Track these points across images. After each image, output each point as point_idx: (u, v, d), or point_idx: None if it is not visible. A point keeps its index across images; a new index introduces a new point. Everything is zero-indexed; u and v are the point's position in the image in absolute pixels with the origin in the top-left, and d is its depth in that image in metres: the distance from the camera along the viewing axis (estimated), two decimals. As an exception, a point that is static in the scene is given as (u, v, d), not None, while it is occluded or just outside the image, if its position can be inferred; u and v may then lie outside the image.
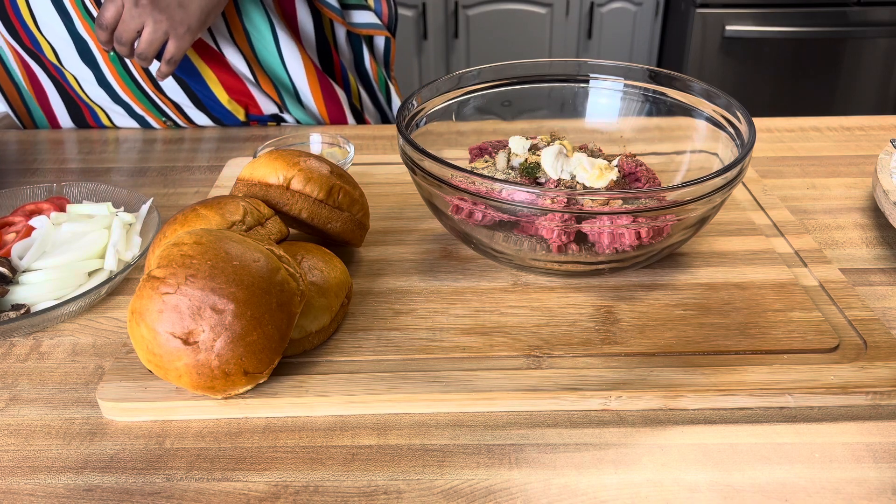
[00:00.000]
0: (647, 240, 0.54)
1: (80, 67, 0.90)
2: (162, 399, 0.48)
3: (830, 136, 0.88)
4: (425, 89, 0.65)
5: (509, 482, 0.43)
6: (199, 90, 0.94)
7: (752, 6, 2.25)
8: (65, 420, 0.49)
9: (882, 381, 0.48)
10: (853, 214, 0.71)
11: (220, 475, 0.44)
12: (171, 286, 0.45)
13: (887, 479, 0.43)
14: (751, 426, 0.47)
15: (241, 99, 0.96)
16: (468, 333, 0.54)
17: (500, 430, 0.47)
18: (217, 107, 0.95)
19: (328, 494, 0.43)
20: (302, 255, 0.54)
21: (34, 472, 0.45)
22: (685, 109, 0.66)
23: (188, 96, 0.94)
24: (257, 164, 0.59)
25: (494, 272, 0.61)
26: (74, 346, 0.55)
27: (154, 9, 0.77)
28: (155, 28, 0.78)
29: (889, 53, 2.31)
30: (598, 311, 0.56)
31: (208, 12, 0.81)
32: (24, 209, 0.68)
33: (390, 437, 0.47)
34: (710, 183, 0.51)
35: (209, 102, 0.95)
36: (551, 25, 2.48)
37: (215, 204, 0.54)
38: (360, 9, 0.98)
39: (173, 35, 0.79)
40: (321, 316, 0.51)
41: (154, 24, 0.78)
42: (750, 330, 0.53)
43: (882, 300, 0.59)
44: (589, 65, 0.70)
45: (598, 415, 0.48)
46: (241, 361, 0.45)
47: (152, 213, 0.66)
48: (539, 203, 0.51)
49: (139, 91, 0.93)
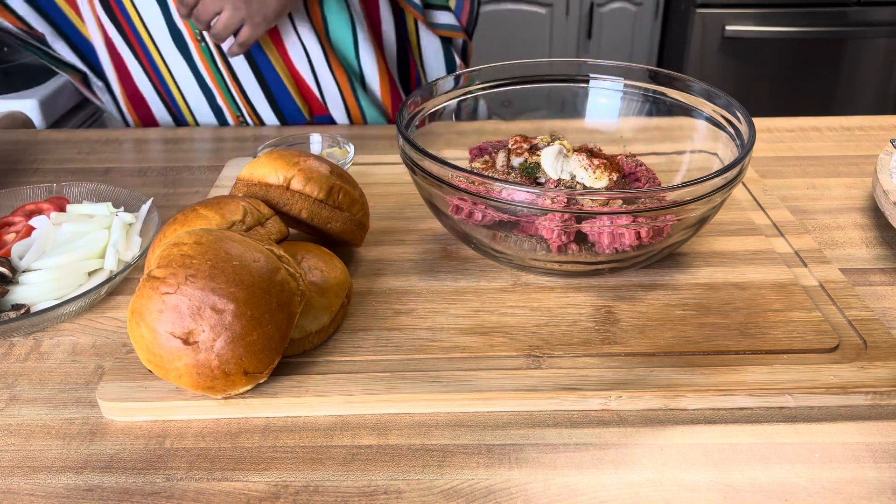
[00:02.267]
0: (647, 240, 0.54)
1: (173, 53, 0.92)
2: (162, 399, 0.48)
3: (830, 136, 0.88)
4: (425, 89, 0.65)
5: (509, 482, 0.43)
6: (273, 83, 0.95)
7: (752, 6, 2.25)
8: (65, 420, 0.49)
9: (882, 381, 0.48)
10: (853, 214, 0.71)
11: (220, 475, 0.44)
12: (171, 286, 0.45)
13: (887, 479, 0.43)
14: (751, 426, 0.47)
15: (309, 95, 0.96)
16: (468, 333, 0.54)
17: (500, 430, 0.47)
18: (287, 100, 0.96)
19: (328, 494, 0.43)
20: (302, 255, 0.54)
21: (34, 472, 0.45)
22: (685, 109, 0.66)
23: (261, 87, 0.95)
24: (257, 164, 0.59)
25: (494, 272, 0.61)
26: (74, 346, 0.55)
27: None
28: (233, 14, 0.81)
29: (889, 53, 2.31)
30: (598, 311, 0.56)
31: (286, 4, 0.84)
32: (24, 209, 0.68)
33: (390, 437, 0.47)
34: (710, 183, 0.51)
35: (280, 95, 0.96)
36: (551, 25, 2.48)
37: (215, 204, 0.54)
38: (440, 9, 0.99)
39: (249, 22, 0.83)
40: (321, 316, 0.51)
41: (233, 11, 0.81)
42: (750, 330, 0.53)
43: (882, 300, 0.59)
44: (589, 65, 0.70)
45: (598, 415, 0.48)
46: (241, 361, 0.45)
47: (152, 213, 0.66)
48: (539, 203, 0.51)
49: (222, 80, 0.95)
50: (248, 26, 0.83)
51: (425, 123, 0.66)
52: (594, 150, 0.65)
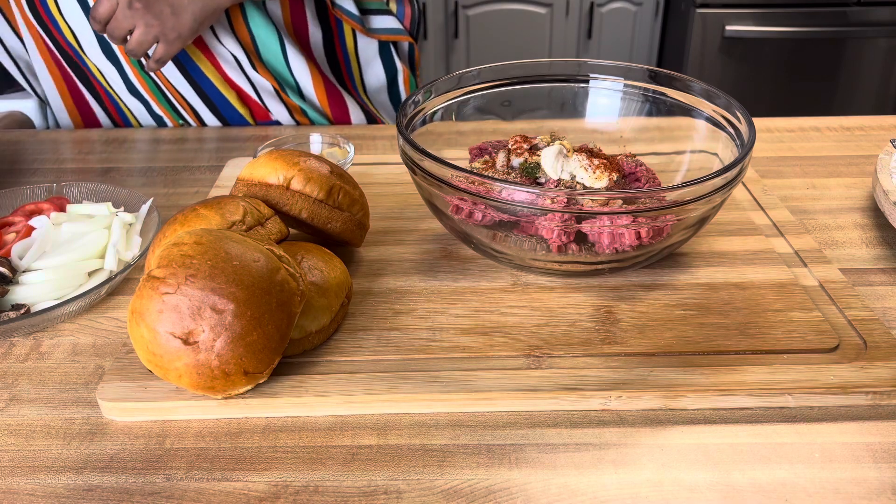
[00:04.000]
0: (647, 240, 0.54)
1: (103, 62, 0.92)
2: (162, 399, 0.48)
3: (830, 136, 0.88)
4: (425, 89, 0.65)
5: (509, 482, 0.43)
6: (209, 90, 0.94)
7: (752, 6, 2.25)
8: (65, 420, 0.49)
9: (882, 381, 0.48)
10: (853, 214, 0.71)
11: (220, 475, 0.44)
12: (171, 286, 0.45)
13: (887, 479, 0.43)
14: (751, 426, 0.47)
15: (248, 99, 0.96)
16: (468, 333, 0.54)
17: (500, 430, 0.47)
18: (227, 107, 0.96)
19: (328, 494, 0.43)
20: (302, 255, 0.54)
21: (34, 472, 0.45)
22: (685, 109, 0.66)
23: (199, 95, 0.94)
24: (257, 164, 0.59)
25: (494, 272, 0.61)
26: (74, 346, 0.55)
27: (147, 13, 0.79)
28: (146, 31, 0.80)
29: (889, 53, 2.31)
30: (598, 311, 0.56)
31: (201, 21, 0.83)
32: (24, 209, 0.68)
33: (390, 437, 0.47)
34: (710, 183, 0.51)
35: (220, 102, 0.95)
36: (551, 25, 2.48)
37: (215, 204, 0.54)
38: (380, 13, 0.97)
39: (163, 40, 0.81)
40: (321, 316, 0.51)
41: (145, 28, 0.79)
42: (750, 330, 0.53)
43: (882, 300, 0.59)
44: (589, 65, 0.70)
45: (598, 415, 0.48)
46: (241, 361, 0.45)
47: (152, 213, 0.66)
48: (539, 203, 0.51)
49: (156, 88, 0.94)
50: (163, 43, 0.81)
51: (425, 123, 0.66)
52: (594, 150, 0.65)
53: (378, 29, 0.98)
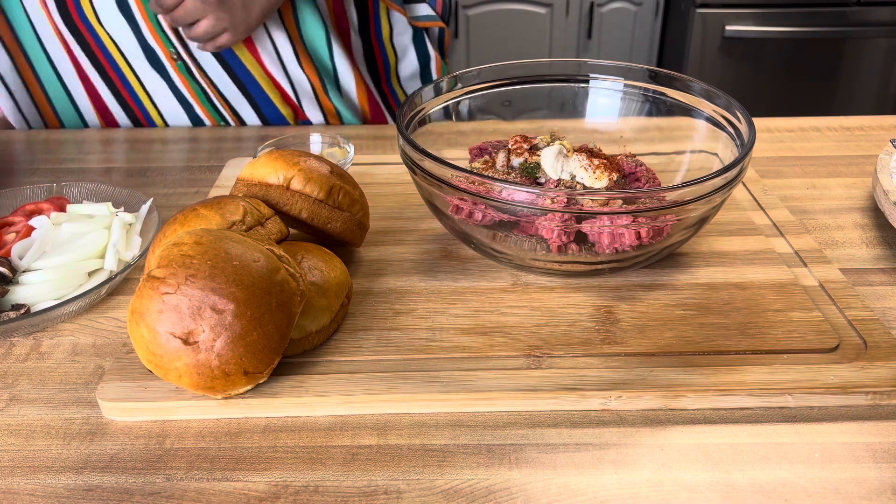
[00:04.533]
0: (647, 240, 0.54)
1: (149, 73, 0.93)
2: (162, 399, 0.48)
3: (830, 136, 0.88)
4: (425, 89, 0.65)
5: (509, 482, 0.43)
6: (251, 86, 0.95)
7: (752, 6, 2.25)
8: (65, 420, 0.49)
9: (882, 381, 0.48)
10: (853, 214, 0.71)
11: (220, 475, 0.44)
12: (171, 286, 0.45)
13: (887, 479, 0.43)
14: (751, 426, 0.47)
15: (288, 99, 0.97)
16: (468, 333, 0.54)
17: (500, 430, 0.47)
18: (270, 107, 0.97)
19: (328, 494, 0.43)
20: (302, 255, 0.54)
21: (34, 472, 0.45)
22: (685, 109, 0.66)
23: (241, 92, 0.95)
24: (257, 164, 0.59)
25: (494, 272, 0.61)
26: (74, 346, 0.55)
27: (220, 8, 0.80)
28: (216, 24, 0.81)
29: (889, 53, 2.31)
30: (598, 311, 0.56)
31: (266, 13, 0.85)
32: (24, 209, 0.68)
33: (390, 437, 0.47)
34: (710, 183, 0.51)
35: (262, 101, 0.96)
36: (551, 25, 2.48)
37: (215, 204, 0.54)
38: (416, 2, 1.01)
39: (232, 31, 0.83)
40: (321, 316, 0.51)
41: (216, 21, 0.81)
42: (750, 330, 0.53)
43: (882, 300, 0.59)
44: (589, 65, 0.70)
45: (598, 415, 0.48)
46: (241, 361, 0.45)
47: (152, 213, 0.66)
48: (539, 203, 0.51)
49: (200, 90, 0.95)
50: (230, 34, 0.83)
51: (425, 123, 0.66)
52: (594, 150, 0.65)
53: (416, 17, 1.01)
